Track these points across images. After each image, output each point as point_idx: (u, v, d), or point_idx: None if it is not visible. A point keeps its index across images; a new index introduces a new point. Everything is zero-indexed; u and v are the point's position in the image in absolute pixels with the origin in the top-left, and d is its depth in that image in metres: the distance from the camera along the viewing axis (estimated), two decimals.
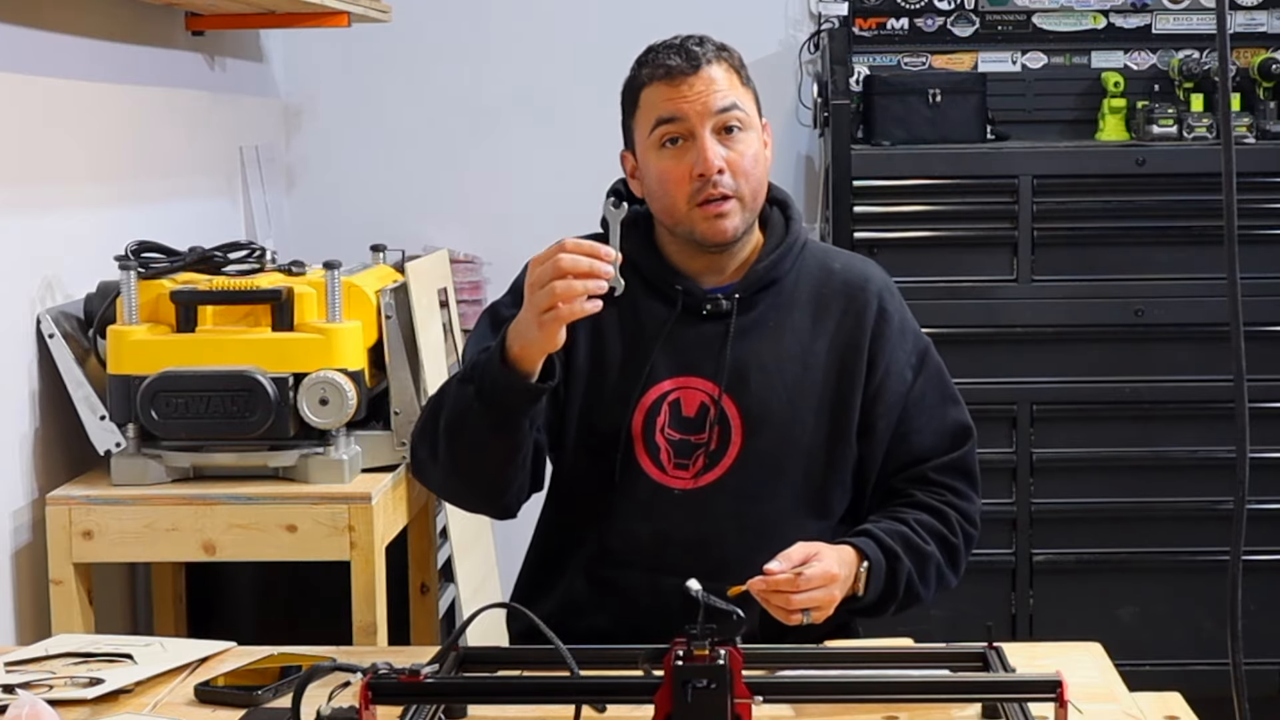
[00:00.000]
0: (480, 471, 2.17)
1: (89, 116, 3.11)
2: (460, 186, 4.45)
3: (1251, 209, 3.99)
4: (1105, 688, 1.93)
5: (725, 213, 2.19)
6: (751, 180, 2.20)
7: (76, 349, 2.84)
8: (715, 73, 2.20)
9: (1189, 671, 3.94)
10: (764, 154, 2.24)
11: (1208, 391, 4.01)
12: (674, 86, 2.19)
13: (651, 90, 2.21)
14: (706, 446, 2.22)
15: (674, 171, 2.19)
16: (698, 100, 2.18)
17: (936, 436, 2.30)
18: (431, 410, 2.18)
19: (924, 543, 2.22)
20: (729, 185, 2.18)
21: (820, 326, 2.27)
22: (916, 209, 4.08)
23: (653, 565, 2.21)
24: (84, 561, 2.75)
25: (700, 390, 2.23)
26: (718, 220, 2.19)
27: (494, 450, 2.12)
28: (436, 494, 2.32)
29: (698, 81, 2.18)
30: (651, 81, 2.21)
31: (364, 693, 1.62)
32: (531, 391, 2.06)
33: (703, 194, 2.18)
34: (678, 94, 2.19)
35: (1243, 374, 1.45)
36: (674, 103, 2.19)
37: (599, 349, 2.25)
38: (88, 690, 1.91)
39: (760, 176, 2.22)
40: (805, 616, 2.03)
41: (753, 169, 2.20)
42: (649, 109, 2.21)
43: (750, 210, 2.22)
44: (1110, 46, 4.39)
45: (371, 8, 3.75)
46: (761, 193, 2.24)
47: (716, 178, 2.17)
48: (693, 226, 2.20)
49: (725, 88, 2.19)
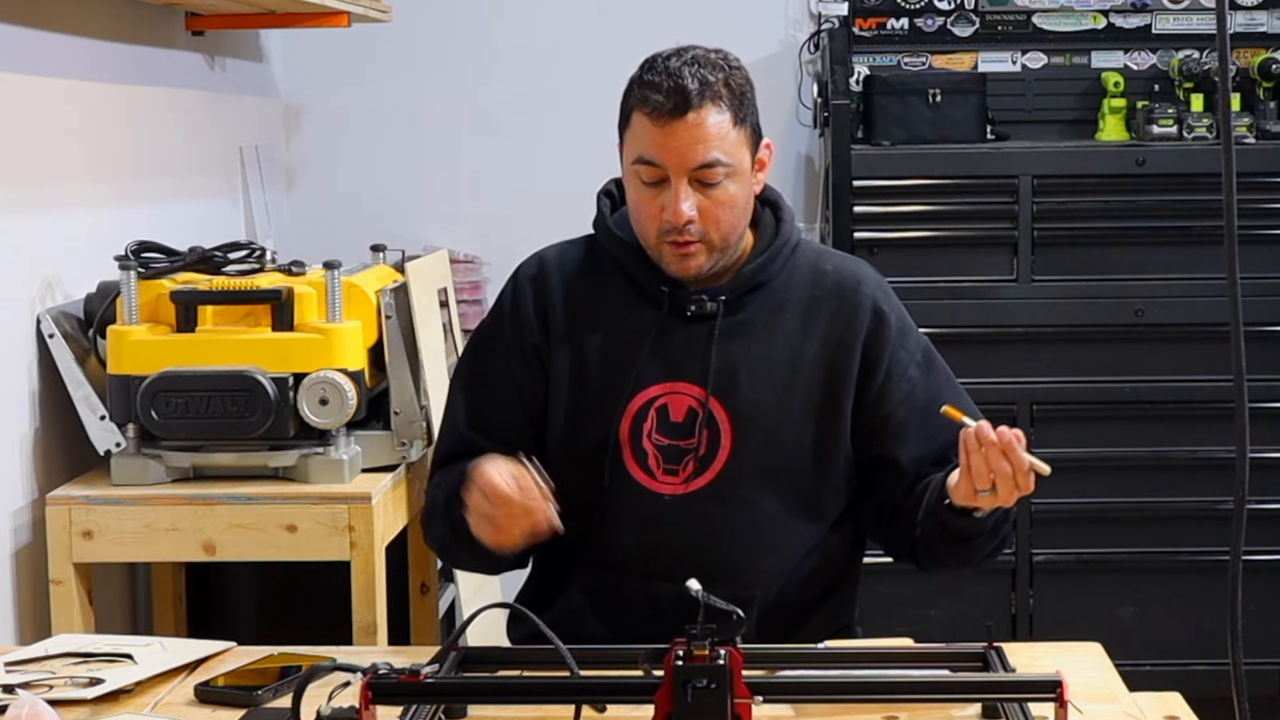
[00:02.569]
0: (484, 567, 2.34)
1: (89, 116, 3.11)
2: (460, 186, 4.45)
3: (1251, 209, 3.99)
4: (1105, 688, 1.93)
5: (691, 254, 2.17)
6: (723, 225, 2.17)
7: (76, 349, 2.84)
8: (704, 117, 2.13)
9: (1189, 671, 3.94)
10: (746, 194, 2.20)
11: (1208, 391, 4.01)
12: (659, 128, 2.13)
13: (638, 120, 2.16)
14: (696, 451, 2.20)
15: (647, 206, 2.17)
16: (677, 150, 2.13)
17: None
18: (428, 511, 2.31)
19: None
20: (696, 233, 2.16)
21: (811, 328, 2.25)
22: (916, 209, 4.08)
23: (646, 572, 2.20)
24: (84, 561, 2.75)
25: (687, 395, 2.21)
26: (683, 259, 2.18)
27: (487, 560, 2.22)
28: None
29: (682, 128, 2.12)
30: (639, 111, 2.16)
31: (364, 693, 1.62)
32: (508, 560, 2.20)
33: (670, 236, 2.17)
34: (661, 136, 2.13)
35: (1243, 374, 1.45)
36: (655, 146, 2.14)
37: (581, 357, 2.24)
38: (88, 690, 1.91)
39: (735, 220, 2.18)
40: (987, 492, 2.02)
41: (725, 215, 2.17)
42: (633, 139, 2.17)
43: (720, 250, 2.19)
44: (1110, 46, 4.39)
45: (371, 8, 3.75)
46: (736, 231, 2.20)
47: (685, 226, 2.15)
48: (660, 256, 2.20)
49: (713, 135, 2.13)
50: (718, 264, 2.21)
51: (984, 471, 2.00)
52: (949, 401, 2.23)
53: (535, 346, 2.25)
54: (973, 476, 2.01)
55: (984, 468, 2.00)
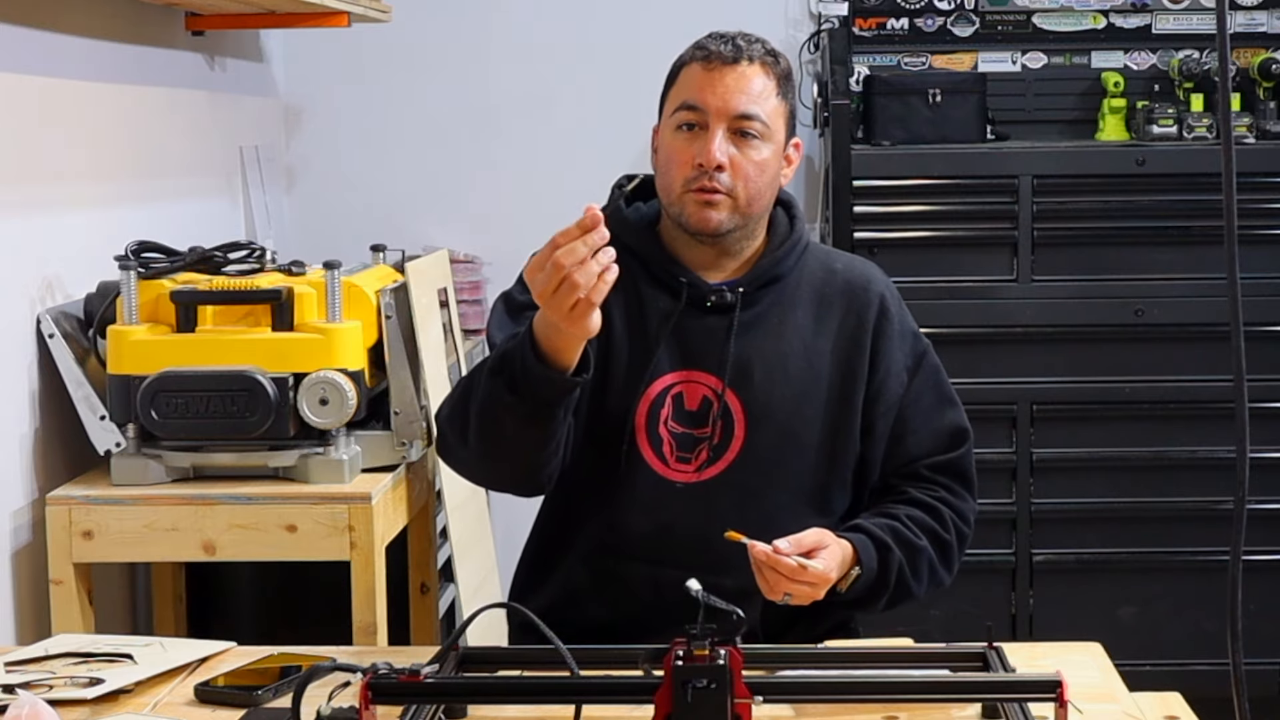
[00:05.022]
0: (516, 459, 2.16)
1: (89, 116, 3.11)
2: (460, 186, 4.45)
3: (1251, 209, 3.99)
4: (1105, 688, 1.93)
5: (714, 203, 2.20)
6: (751, 185, 2.20)
7: (76, 349, 2.84)
8: (752, 73, 2.21)
9: (1189, 671, 3.94)
10: (775, 165, 2.24)
11: (1208, 391, 4.01)
12: (707, 73, 2.21)
13: (688, 71, 2.24)
14: (710, 440, 2.23)
15: (681, 153, 2.21)
16: (722, 95, 2.20)
17: (933, 438, 2.30)
18: (461, 396, 2.17)
19: (916, 537, 2.22)
20: (724, 183, 2.19)
21: (823, 325, 2.28)
22: (916, 209, 4.08)
23: (654, 558, 2.22)
24: (84, 561, 2.75)
25: (703, 384, 2.24)
26: (705, 208, 2.20)
27: (529, 439, 2.11)
28: (462, 475, 2.32)
29: (729, 75, 2.20)
30: (691, 61, 2.24)
31: (364, 693, 1.62)
32: (569, 384, 2.05)
33: (697, 183, 2.19)
34: (708, 82, 2.21)
35: (1243, 374, 1.45)
36: (701, 91, 2.21)
37: (604, 338, 2.24)
38: (88, 690, 1.91)
39: (763, 185, 2.22)
40: (785, 599, 2.06)
41: (755, 175, 2.20)
42: (680, 88, 2.24)
43: (743, 213, 2.22)
44: (1110, 46, 4.39)
45: (371, 8, 3.75)
46: (761, 200, 2.23)
47: (714, 172, 2.18)
48: (682, 209, 2.22)
49: (756, 92, 2.21)
50: (737, 229, 2.23)
51: (770, 589, 2.06)
52: (927, 407, 2.27)
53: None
54: (772, 592, 2.07)
55: (768, 586, 2.06)
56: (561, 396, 2.07)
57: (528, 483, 2.24)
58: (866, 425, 2.29)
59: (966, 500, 2.30)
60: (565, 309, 1.94)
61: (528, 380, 2.04)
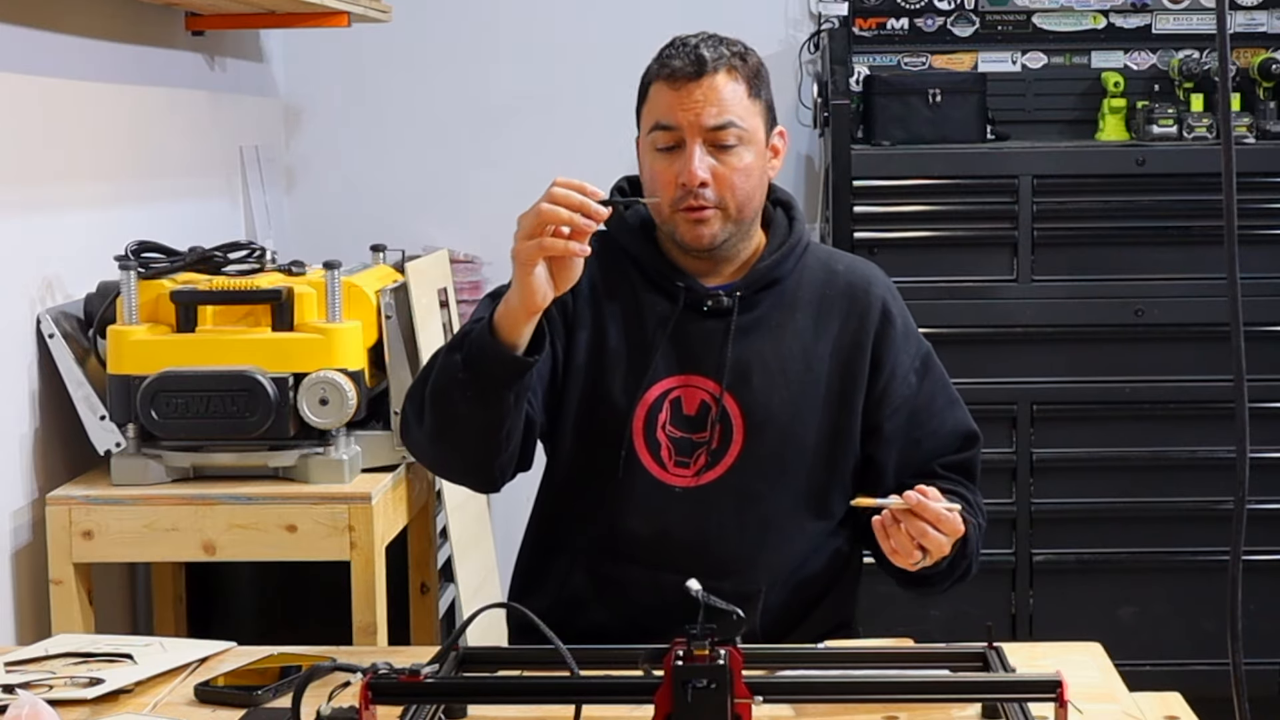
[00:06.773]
0: (462, 441, 2.13)
1: (89, 116, 3.11)
2: (460, 186, 4.45)
3: (1251, 209, 3.99)
4: (1105, 688, 1.93)
5: (705, 219, 2.19)
6: (738, 193, 2.20)
7: (76, 349, 2.84)
8: (720, 82, 2.18)
9: (1189, 671, 3.94)
10: (760, 166, 2.23)
11: (1208, 391, 4.01)
12: (675, 91, 2.19)
13: (656, 89, 2.22)
14: (708, 445, 2.22)
15: (663, 174, 2.21)
16: (693, 111, 2.18)
17: (947, 439, 2.30)
18: (422, 375, 2.16)
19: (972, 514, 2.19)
20: (710, 198, 2.19)
21: (823, 328, 2.27)
22: (916, 209, 4.08)
23: (653, 562, 2.22)
24: (84, 561, 2.75)
25: (701, 389, 2.24)
26: (697, 225, 2.20)
27: (476, 421, 2.08)
28: (419, 460, 2.27)
29: (698, 90, 2.18)
30: (658, 79, 2.21)
31: (364, 693, 1.62)
32: (516, 364, 2.02)
33: (685, 202, 2.19)
34: (676, 100, 2.19)
35: (1243, 374, 1.45)
36: (671, 110, 2.19)
37: (600, 342, 2.25)
38: (88, 690, 1.91)
39: (750, 189, 2.21)
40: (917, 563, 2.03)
41: (741, 183, 2.20)
42: (651, 107, 2.22)
43: (735, 221, 2.22)
44: (1110, 46, 4.39)
45: (371, 8, 3.75)
46: (751, 204, 2.23)
47: (698, 189, 2.18)
48: (675, 228, 2.22)
49: (727, 100, 2.18)
50: (731, 237, 2.23)
51: (907, 547, 2.02)
52: (940, 409, 2.26)
53: (563, 312, 2.24)
54: (901, 557, 2.03)
55: (907, 544, 2.02)
56: (509, 375, 2.03)
57: (477, 472, 2.20)
58: (872, 428, 2.27)
59: (979, 497, 2.30)
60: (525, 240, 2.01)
61: (481, 356, 2.02)
